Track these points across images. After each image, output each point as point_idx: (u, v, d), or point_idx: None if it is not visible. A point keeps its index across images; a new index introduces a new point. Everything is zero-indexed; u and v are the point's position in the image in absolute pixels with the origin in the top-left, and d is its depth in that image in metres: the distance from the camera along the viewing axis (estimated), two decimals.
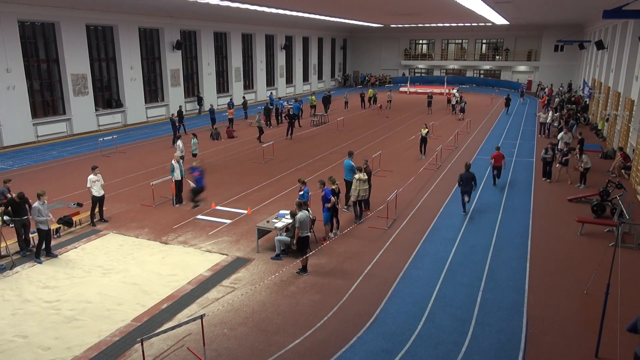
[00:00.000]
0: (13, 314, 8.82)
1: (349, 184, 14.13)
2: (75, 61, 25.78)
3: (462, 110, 32.64)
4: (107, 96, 28.91)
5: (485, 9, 28.85)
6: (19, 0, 21.90)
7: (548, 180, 17.57)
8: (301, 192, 12.15)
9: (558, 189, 16.85)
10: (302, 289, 9.81)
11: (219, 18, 34.73)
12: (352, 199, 13.40)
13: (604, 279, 8.18)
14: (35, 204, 10.90)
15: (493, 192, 16.39)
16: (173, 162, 14.83)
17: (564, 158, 17.67)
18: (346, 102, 37.75)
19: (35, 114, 24.29)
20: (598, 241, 12.22)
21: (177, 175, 14.73)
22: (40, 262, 10.88)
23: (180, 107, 28.81)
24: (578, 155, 17.40)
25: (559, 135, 20.91)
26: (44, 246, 11.14)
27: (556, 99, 35.99)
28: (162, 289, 9.74)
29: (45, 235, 11.04)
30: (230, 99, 33.74)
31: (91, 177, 13.18)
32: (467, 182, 13.81)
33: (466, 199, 14.01)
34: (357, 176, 13.21)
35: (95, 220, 13.34)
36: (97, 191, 13.16)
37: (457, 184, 14.82)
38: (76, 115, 26.08)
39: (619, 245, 10.78)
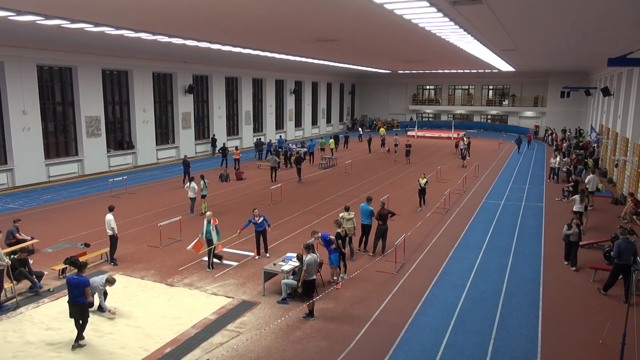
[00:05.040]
0: (14, 357, 8.66)
1: (366, 227, 14.23)
2: (90, 104, 26.45)
3: (464, 156, 31.54)
4: (119, 138, 29.45)
5: (491, 57, 29.45)
6: (39, 46, 22.74)
7: (573, 268, 13.31)
8: (259, 220, 13.30)
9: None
10: (309, 334, 9.60)
11: (231, 63, 35.71)
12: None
13: (620, 328, 7.94)
14: None
15: (503, 236, 16.20)
16: (205, 221, 13.05)
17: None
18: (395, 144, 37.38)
19: (48, 154, 24.73)
20: (612, 289, 11.91)
21: (214, 238, 12.95)
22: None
23: (224, 143, 31.12)
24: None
25: (587, 179, 20.36)
26: None
27: (564, 144, 36.11)
28: (166, 332, 9.57)
29: None
30: (281, 136, 38.32)
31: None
32: (519, 142, 37.96)
33: (518, 150, 36.83)
34: (341, 215, 13.59)
35: (103, 260, 13.33)
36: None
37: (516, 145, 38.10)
38: (88, 156, 26.51)
39: (634, 293, 10.53)
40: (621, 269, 11.24)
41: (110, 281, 10.27)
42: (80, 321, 9.05)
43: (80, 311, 9.02)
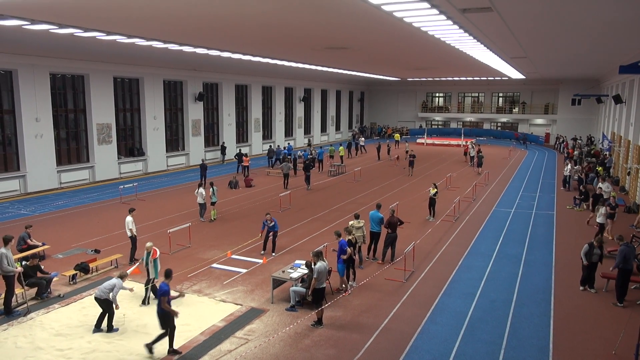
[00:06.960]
0: None
1: (375, 235, 14.21)
2: (102, 111, 26.73)
3: (479, 164, 31.37)
4: (130, 145, 29.70)
5: (501, 64, 29.35)
6: (52, 54, 23.04)
7: (593, 291, 12.29)
8: (271, 224, 14.52)
9: (582, 242, 16.40)
10: (317, 342, 9.55)
11: (241, 71, 35.93)
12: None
13: (633, 339, 7.82)
14: (1, 250, 10.37)
15: (513, 244, 16.06)
16: (148, 254, 11.45)
17: (611, 211, 16.91)
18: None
19: (59, 161, 24.99)
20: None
21: (151, 272, 11.45)
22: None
23: (239, 149, 32.09)
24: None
25: (599, 185, 20.50)
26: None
27: (575, 152, 35.81)
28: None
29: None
30: (289, 144, 38.11)
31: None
32: (524, 140, 47.63)
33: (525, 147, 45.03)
34: (351, 222, 13.58)
35: (113, 267, 13.44)
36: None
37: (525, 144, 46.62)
38: (99, 163, 26.76)
39: None
40: (628, 274, 11.49)
41: (124, 275, 10.23)
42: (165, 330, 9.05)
43: (160, 321, 9.01)
